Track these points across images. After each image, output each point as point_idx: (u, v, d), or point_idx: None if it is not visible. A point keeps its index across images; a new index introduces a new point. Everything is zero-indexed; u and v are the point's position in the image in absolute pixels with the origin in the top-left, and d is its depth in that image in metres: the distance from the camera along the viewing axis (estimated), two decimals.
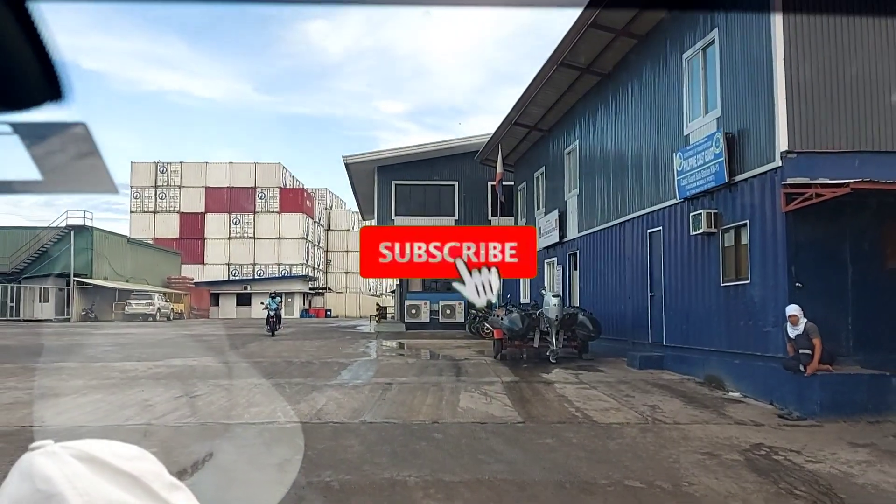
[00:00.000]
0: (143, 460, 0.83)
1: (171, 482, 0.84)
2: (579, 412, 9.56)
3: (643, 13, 13.21)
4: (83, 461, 0.77)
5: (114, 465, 0.79)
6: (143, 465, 0.82)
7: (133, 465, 0.81)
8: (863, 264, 9.46)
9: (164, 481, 0.83)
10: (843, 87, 9.71)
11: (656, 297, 13.72)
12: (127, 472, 0.79)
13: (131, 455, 0.82)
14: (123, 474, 0.79)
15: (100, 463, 0.78)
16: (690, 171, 11.81)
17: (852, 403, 8.65)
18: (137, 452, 0.84)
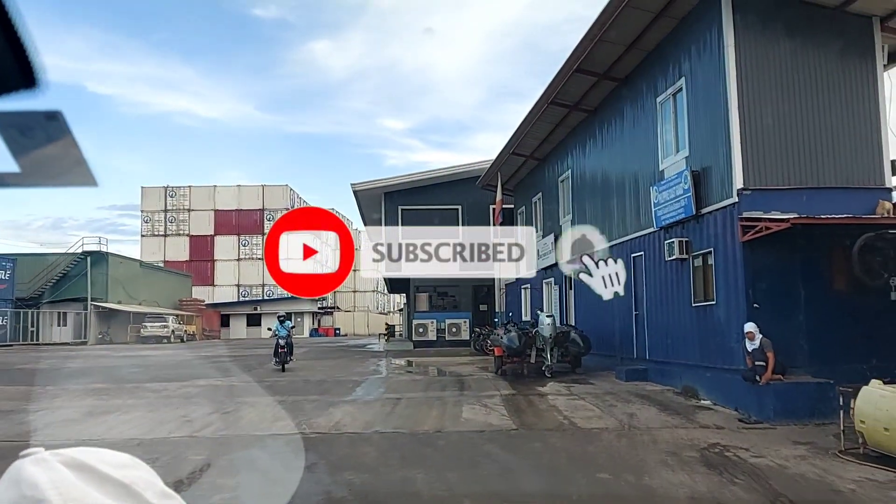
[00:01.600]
0: (135, 468, 0.82)
1: (163, 491, 0.82)
2: (566, 420, 10.88)
3: (623, 58, 14.66)
4: (72, 468, 0.76)
5: (103, 473, 0.78)
6: (134, 474, 0.81)
7: (124, 473, 0.79)
8: (813, 286, 10.77)
9: (155, 490, 0.81)
10: (791, 131, 11.09)
11: (640, 316, 15.06)
12: (117, 480, 0.78)
13: (122, 463, 0.81)
14: (113, 482, 0.77)
15: (89, 470, 0.77)
16: (665, 203, 13.20)
17: (801, 408, 9.95)
18: (129, 461, 0.83)
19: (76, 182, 1.14)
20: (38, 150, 1.07)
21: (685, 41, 12.71)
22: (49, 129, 1.05)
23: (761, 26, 11.30)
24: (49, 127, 1.05)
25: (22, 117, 1.02)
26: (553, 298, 22.28)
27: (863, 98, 11.24)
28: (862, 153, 11.15)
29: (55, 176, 1.14)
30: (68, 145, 1.06)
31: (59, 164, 1.11)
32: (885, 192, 10.97)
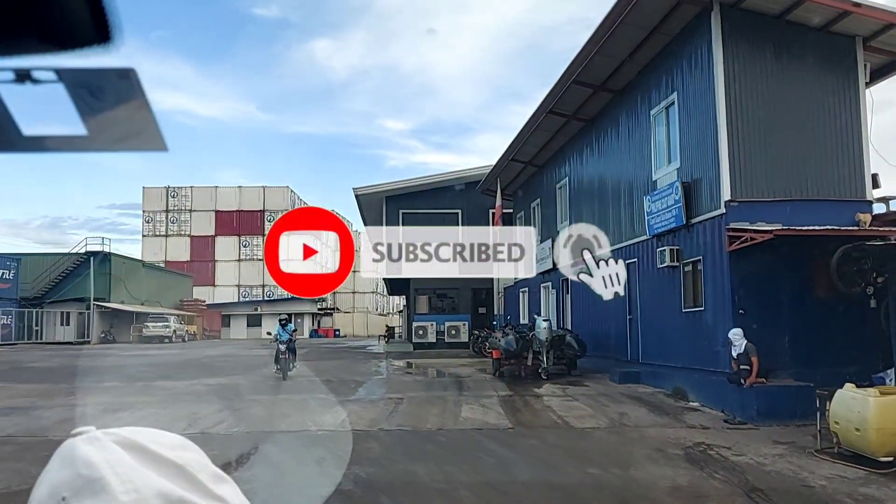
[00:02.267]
0: (188, 450, 0.81)
1: (216, 473, 0.82)
2: (560, 419, 11.44)
3: (619, 71, 15.23)
4: (126, 448, 0.76)
5: (158, 454, 0.77)
6: (188, 455, 0.80)
7: (177, 454, 0.79)
8: (795, 294, 11.33)
9: (209, 472, 0.81)
10: (777, 145, 11.65)
11: (634, 320, 15.61)
12: (172, 461, 0.78)
13: (176, 444, 0.81)
14: (168, 463, 0.77)
15: (143, 450, 0.77)
16: (657, 213, 13.76)
17: (783, 410, 10.49)
18: (181, 442, 0.82)
19: (145, 146, 1.07)
20: (106, 111, 1.01)
21: (677, 57, 13.28)
22: (120, 88, 0.99)
23: (749, 44, 11.86)
24: (120, 86, 0.99)
25: (93, 75, 0.97)
26: (550, 302, 22.82)
27: (845, 114, 11.80)
28: (844, 167, 11.71)
29: (124, 139, 1.08)
30: (139, 106, 0.99)
31: (128, 126, 1.05)
32: (866, 205, 11.52)
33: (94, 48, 0.89)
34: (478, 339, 26.31)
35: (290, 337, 17.77)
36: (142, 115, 1.01)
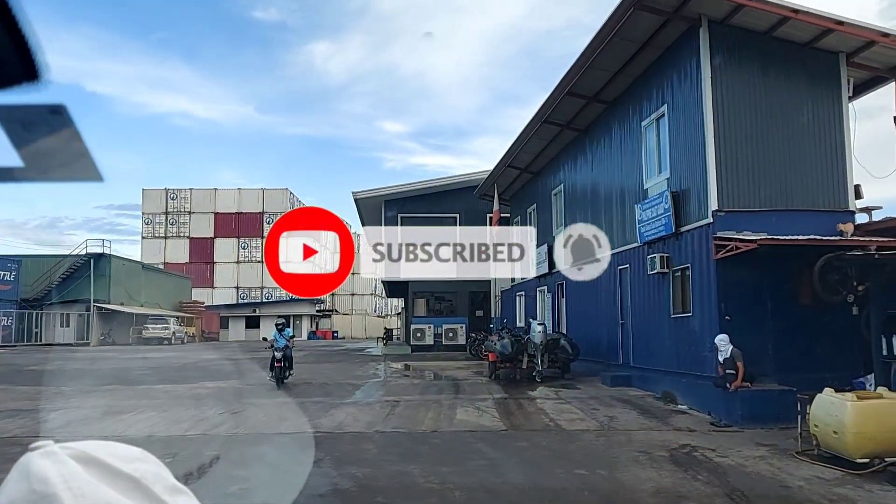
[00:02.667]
0: (145, 462, 0.82)
1: (173, 485, 0.82)
2: (552, 422, 11.77)
3: (611, 83, 15.59)
4: (81, 462, 0.76)
5: (113, 467, 0.77)
6: (143, 467, 0.80)
7: (133, 466, 0.79)
8: (779, 301, 11.68)
9: (165, 484, 0.81)
10: (763, 157, 12.01)
11: (625, 325, 15.96)
12: (127, 474, 0.78)
13: (132, 457, 0.81)
14: (123, 476, 0.77)
15: (98, 464, 0.77)
16: (648, 221, 14.12)
17: (767, 413, 10.83)
18: (139, 454, 0.82)
19: (80, 177, 1.10)
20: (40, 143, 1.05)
21: (667, 70, 13.64)
22: (52, 123, 1.03)
23: (736, 59, 12.23)
24: (52, 121, 1.03)
25: (25, 111, 1.01)
26: (546, 306, 23.17)
27: (829, 127, 12.16)
28: (828, 178, 12.07)
29: (58, 170, 1.10)
30: (71, 139, 1.03)
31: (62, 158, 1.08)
32: (848, 215, 11.87)
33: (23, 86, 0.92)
34: (475, 341, 26.67)
35: (288, 343, 16.58)
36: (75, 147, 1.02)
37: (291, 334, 17.00)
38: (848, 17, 11.43)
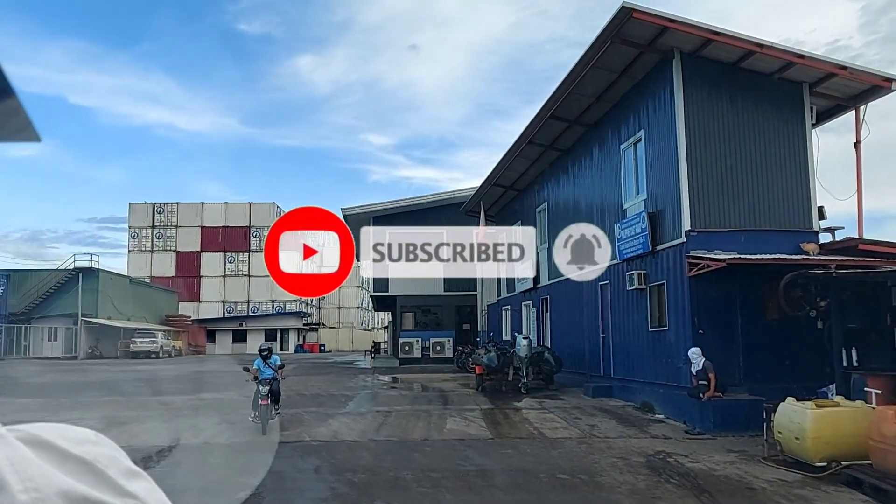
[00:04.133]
0: (98, 445, 0.79)
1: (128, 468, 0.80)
2: (536, 430, 12.44)
3: (592, 108, 16.40)
4: (30, 445, 0.74)
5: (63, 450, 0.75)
6: (97, 451, 0.77)
7: (85, 449, 0.77)
8: (749, 316, 12.45)
9: (120, 467, 0.78)
10: (733, 180, 12.82)
11: (606, 338, 16.69)
12: (78, 457, 0.75)
13: (84, 439, 0.79)
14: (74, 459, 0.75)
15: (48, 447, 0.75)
16: (626, 239, 14.88)
17: (737, 422, 11.56)
18: (92, 437, 0.80)
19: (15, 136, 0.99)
20: None
21: (644, 98, 14.46)
22: None
23: (707, 89, 13.05)
24: None
25: None
26: (531, 320, 23.86)
27: (794, 152, 13.00)
28: (793, 200, 12.89)
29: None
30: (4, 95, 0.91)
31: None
32: (812, 235, 12.69)
33: None
34: (462, 354, 27.29)
35: (276, 374, 12.74)
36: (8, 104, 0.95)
37: (280, 363, 13.03)
38: (808, 52, 12.32)
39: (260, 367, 12.86)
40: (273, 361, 13.03)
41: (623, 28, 12.70)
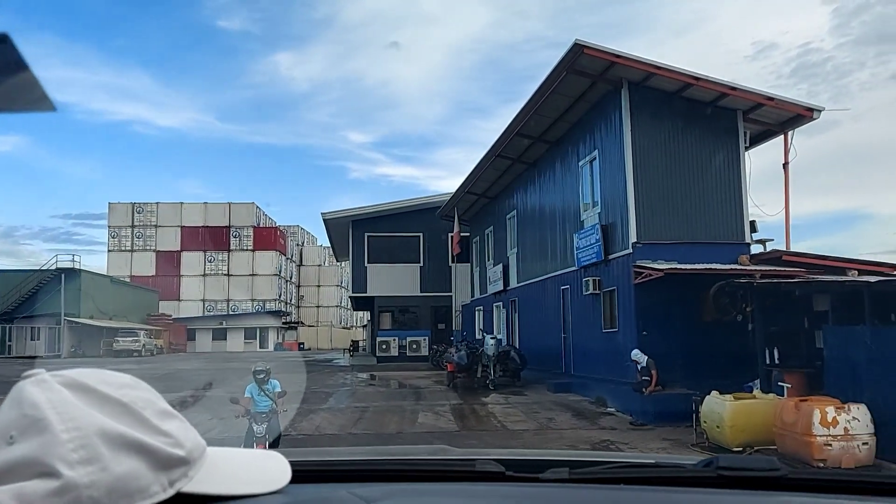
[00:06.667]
0: (134, 388, 0.86)
1: (163, 409, 0.87)
2: (499, 423, 13.86)
3: (554, 127, 17.84)
4: (71, 388, 0.80)
5: (102, 393, 0.81)
6: (134, 393, 0.84)
7: (123, 392, 0.83)
8: (686, 319, 13.90)
9: (156, 408, 0.85)
10: (675, 197, 14.31)
11: (567, 338, 18.16)
12: (116, 399, 0.81)
13: (122, 383, 0.85)
14: (113, 401, 0.81)
15: (88, 390, 0.81)
16: (583, 248, 16.34)
17: (675, 413, 12.97)
18: (129, 381, 0.87)
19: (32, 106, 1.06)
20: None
21: (597, 121, 15.92)
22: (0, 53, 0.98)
23: (652, 115, 14.52)
24: None
25: None
26: (501, 320, 25.31)
27: (729, 172, 14.50)
28: (728, 215, 14.40)
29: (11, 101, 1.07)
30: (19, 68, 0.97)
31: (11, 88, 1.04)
32: (745, 247, 14.22)
33: None
34: (436, 353, 28.64)
35: (274, 405, 9.32)
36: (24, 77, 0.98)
37: (280, 390, 9.57)
38: (739, 84, 13.84)
39: (253, 395, 9.32)
40: (271, 388, 9.53)
41: (577, 61, 14.12)
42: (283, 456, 1.08)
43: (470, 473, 1.24)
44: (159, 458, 0.82)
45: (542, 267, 20.22)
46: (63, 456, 0.76)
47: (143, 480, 0.80)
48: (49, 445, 0.76)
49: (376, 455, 1.57)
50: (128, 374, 0.89)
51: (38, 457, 0.76)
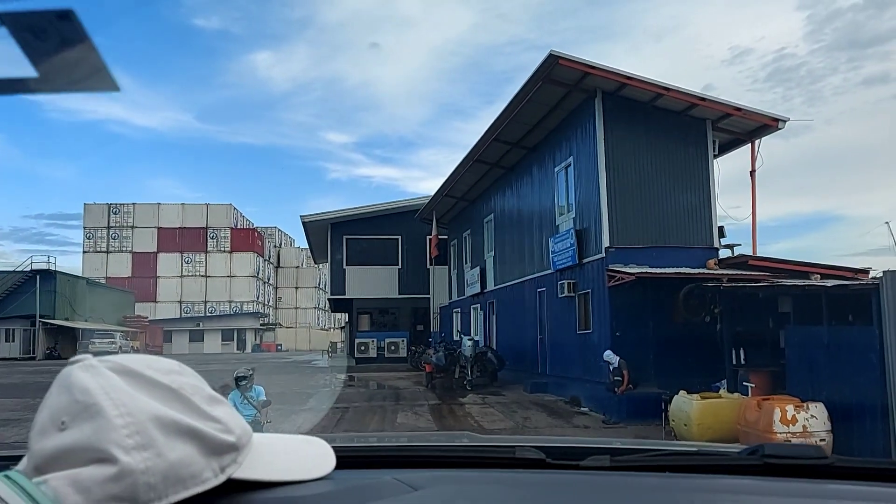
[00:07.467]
0: (182, 374, 0.86)
1: (211, 396, 0.87)
2: (476, 423, 14.24)
3: (531, 133, 18.30)
4: (120, 374, 0.80)
5: (151, 378, 0.81)
6: (182, 380, 0.85)
7: (171, 378, 0.84)
8: (658, 321, 14.40)
9: (203, 395, 0.85)
10: (646, 203, 14.81)
11: (543, 339, 18.61)
12: (165, 385, 0.82)
13: (169, 369, 0.86)
14: (162, 387, 0.81)
15: (137, 376, 0.81)
16: (559, 252, 16.81)
17: (646, 412, 13.47)
18: (176, 367, 0.87)
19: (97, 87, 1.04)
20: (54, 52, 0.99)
21: (572, 129, 16.40)
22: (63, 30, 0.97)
23: (625, 123, 15.02)
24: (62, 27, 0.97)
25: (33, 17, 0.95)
26: (479, 322, 25.72)
27: (699, 179, 15.05)
28: (697, 221, 14.93)
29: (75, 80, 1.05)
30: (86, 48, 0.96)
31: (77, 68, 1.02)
32: (713, 251, 14.76)
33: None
34: (415, 354, 28.98)
35: (257, 413, 8.42)
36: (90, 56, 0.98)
37: (265, 399, 8.85)
38: (708, 95, 14.42)
39: (236, 403, 8.19)
40: (255, 395, 8.73)
41: (552, 71, 14.58)
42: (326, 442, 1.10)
43: (510, 460, 1.25)
44: (211, 444, 0.83)
45: (519, 270, 20.67)
46: (118, 441, 0.76)
47: (195, 466, 0.81)
48: (104, 431, 0.76)
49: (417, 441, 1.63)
50: (174, 360, 0.91)
51: (92, 443, 0.76)
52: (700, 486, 1.10)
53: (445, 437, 1.82)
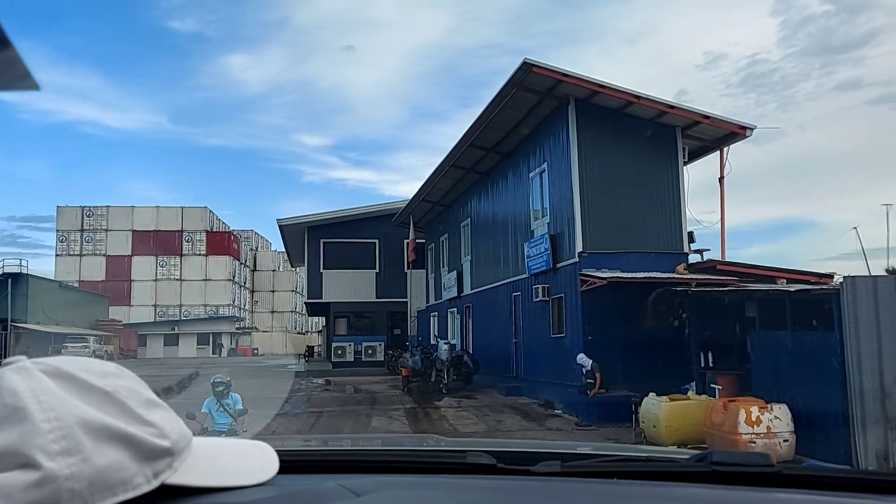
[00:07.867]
0: (119, 377, 0.83)
1: (148, 399, 0.84)
2: (450, 425, 14.38)
3: (506, 139, 18.51)
4: (53, 377, 0.78)
5: (85, 381, 0.79)
6: (118, 383, 0.82)
7: (107, 381, 0.81)
8: (629, 325, 14.62)
9: (140, 398, 0.83)
10: (618, 209, 15.08)
11: (518, 343, 18.81)
12: (99, 388, 0.79)
13: (105, 372, 0.83)
14: (95, 390, 0.79)
15: (70, 378, 0.78)
16: (533, 257, 17.02)
17: (617, 414, 13.67)
18: (113, 369, 0.84)
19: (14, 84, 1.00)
20: None
21: (546, 135, 16.64)
22: None
23: (598, 130, 15.28)
24: None
25: None
26: (456, 325, 25.86)
27: (669, 185, 15.34)
28: (668, 226, 15.22)
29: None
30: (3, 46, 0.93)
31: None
32: (683, 256, 15.05)
33: None
34: (392, 358, 29.00)
35: (233, 423, 8.53)
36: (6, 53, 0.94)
37: (242, 407, 8.94)
38: (678, 103, 14.75)
39: (211, 411, 8.42)
40: (231, 403, 8.71)
41: (526, 79, 14.80)
42: (270, 446, 1.08)
43: (461, 466, 1.23)
44: (143, 449, 0.81)
45: (495, 274, 20.85)
46: (43, 446, 0.74)
47: (126, 472, 0.79)
48: (29, 435, 0.74)
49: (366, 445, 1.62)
50: (112, 363, 0.88)
51: (17, 447, 0.74)
52: (648, 493, 1.11)
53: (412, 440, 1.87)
